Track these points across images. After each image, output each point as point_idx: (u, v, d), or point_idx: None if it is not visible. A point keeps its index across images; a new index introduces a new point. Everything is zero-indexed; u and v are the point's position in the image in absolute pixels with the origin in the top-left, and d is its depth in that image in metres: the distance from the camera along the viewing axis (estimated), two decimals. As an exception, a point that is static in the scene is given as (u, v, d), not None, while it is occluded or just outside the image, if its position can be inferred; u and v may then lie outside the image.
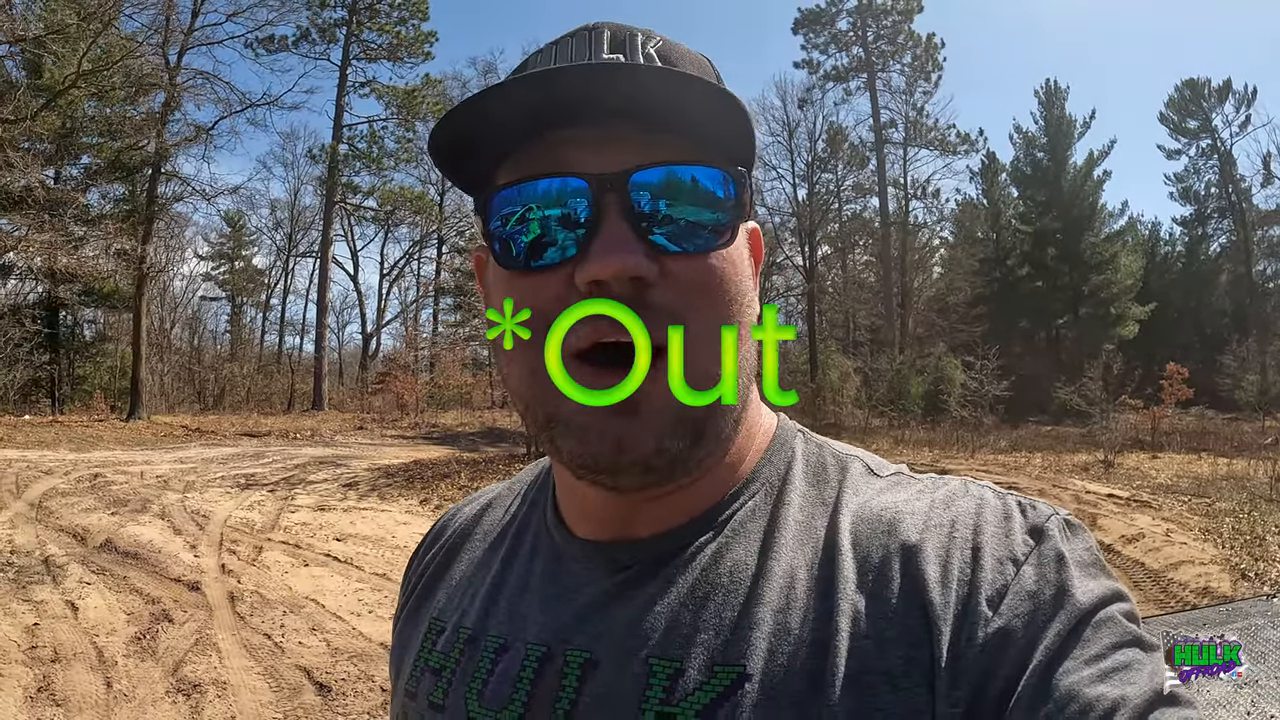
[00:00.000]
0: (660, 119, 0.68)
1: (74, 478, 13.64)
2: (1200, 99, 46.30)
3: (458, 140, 0.71)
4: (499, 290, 0.73)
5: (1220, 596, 7.49)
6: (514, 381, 0.73)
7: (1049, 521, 0.69)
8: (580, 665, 0.72)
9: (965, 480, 0.76)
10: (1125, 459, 18.69)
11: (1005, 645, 0.62)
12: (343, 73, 41.31)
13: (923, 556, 0.67)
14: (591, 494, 0.77)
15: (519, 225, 0.70)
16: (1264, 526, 10.35)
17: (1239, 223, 44.74)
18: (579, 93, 0.67)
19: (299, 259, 52.94)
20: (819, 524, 0.74)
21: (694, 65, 0.76)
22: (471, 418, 31.42)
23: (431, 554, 0.97)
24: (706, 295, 0.69)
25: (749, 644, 0.67)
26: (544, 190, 0.69)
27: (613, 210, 0.67)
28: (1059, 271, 40.90)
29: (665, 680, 0.68)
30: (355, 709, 5.36)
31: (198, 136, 32.88)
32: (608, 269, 0.65)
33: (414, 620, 0.91)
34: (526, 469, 0.99)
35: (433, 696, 0.80)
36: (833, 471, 0.79)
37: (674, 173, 0.68)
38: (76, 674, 5.70)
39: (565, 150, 0.69)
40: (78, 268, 27.73)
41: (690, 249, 0.69)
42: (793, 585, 0.70)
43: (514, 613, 0.81)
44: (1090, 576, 0.65)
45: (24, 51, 26.00)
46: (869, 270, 50.59)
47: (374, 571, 8.42)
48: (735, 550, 0.74)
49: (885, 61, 44.63)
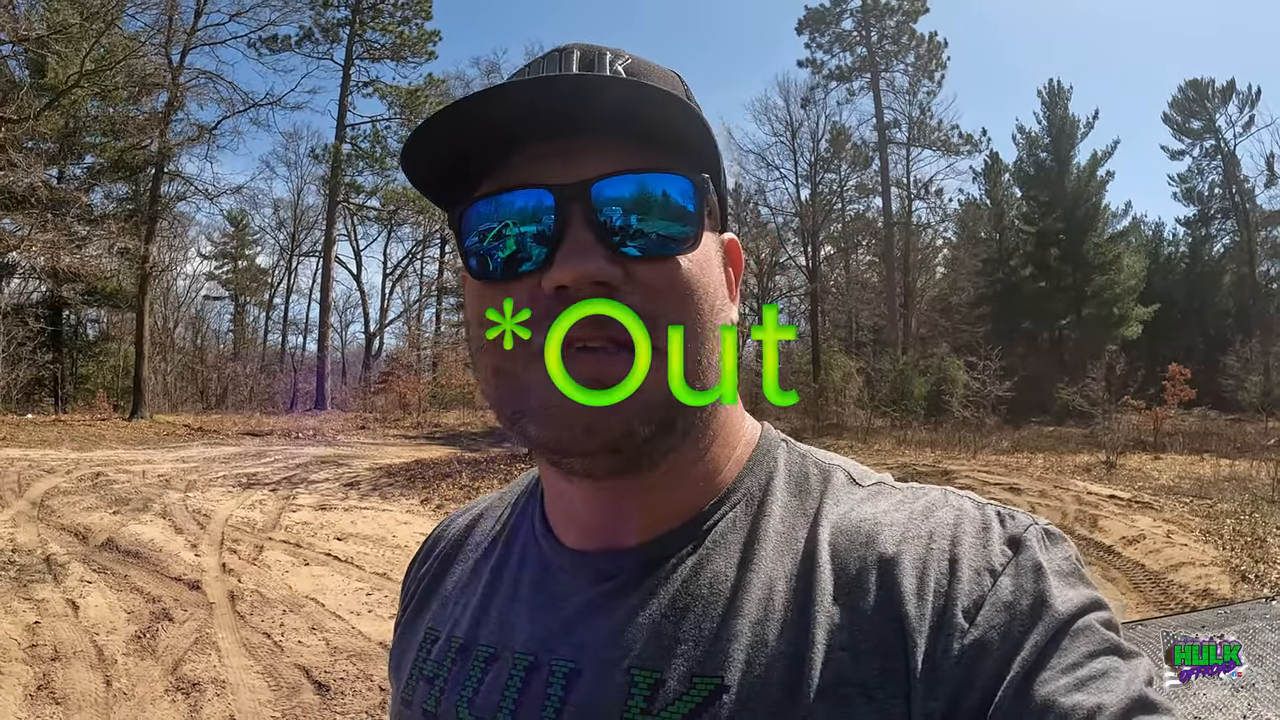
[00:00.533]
0: (620, 129, 0.70)
1: (76, 476, 13.68)
2: (1204, 99, 46.18)
3: (428, 158, 0.73)
4: (471, 300, 0.76)
5: (1220, 599, 7.47)
6: (482, 383, 0.75)
7: (1027, 532, 0.69)
8: (565, 675, 0.73)
9: (946, 490, 0.77)
10: (1127, 460, 18.69)
11: (982, 656, 0.62)
12: (346, 72, 41.27)
13: (900, 568, 0.68)
14: (576, 495, 0.79)
15: (487, 238, 0.72)
16: (1265, 528, 10.34)
17: (1242, 223, 44.60)
18: (541, 107, 0.69)
19: (302, 258, 52.96)
20: (799, 535, 0.75)
21: (661, 81, 0.77)
22: (474, 417, 31.38)
23: (427, 566, 0.98)
24: (673, 297, 0.70)
25: (727, 655, 0.68)
26: (508, 203, 0.71)
27: (577, 218, 0.68)
28: (1062, 272, 40.82)
29: (646, 690, 0.69)
30: (354, 708, 5.36)
31: (201, 136, 32.95)
32: (570, 274, 0.67)
33: (411, 629, 0.93)
34: (519, 479, 1.00)
35: (426, 704, 0.81)
36: (815, 481, 0.80)
37: (635, 180, 0.70)
38: (76, 672, 5.71)
39: (531, 164, 0.71)
40: (81, 267, 27.70)
41: (654, 252, 0.70)
42: (771, 597, 0.71)
43: (504, 622, 0.82)
44: (1069, 585, 0.66)
45: (27, 51, 26.03)
46: (872, 270, 50.52)
47: (374, 571, 8.43)
48: (715, 562, 0.75)
49: (889, 61, 44.53)
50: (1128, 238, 42.99)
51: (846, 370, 32.50)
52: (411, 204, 43.78)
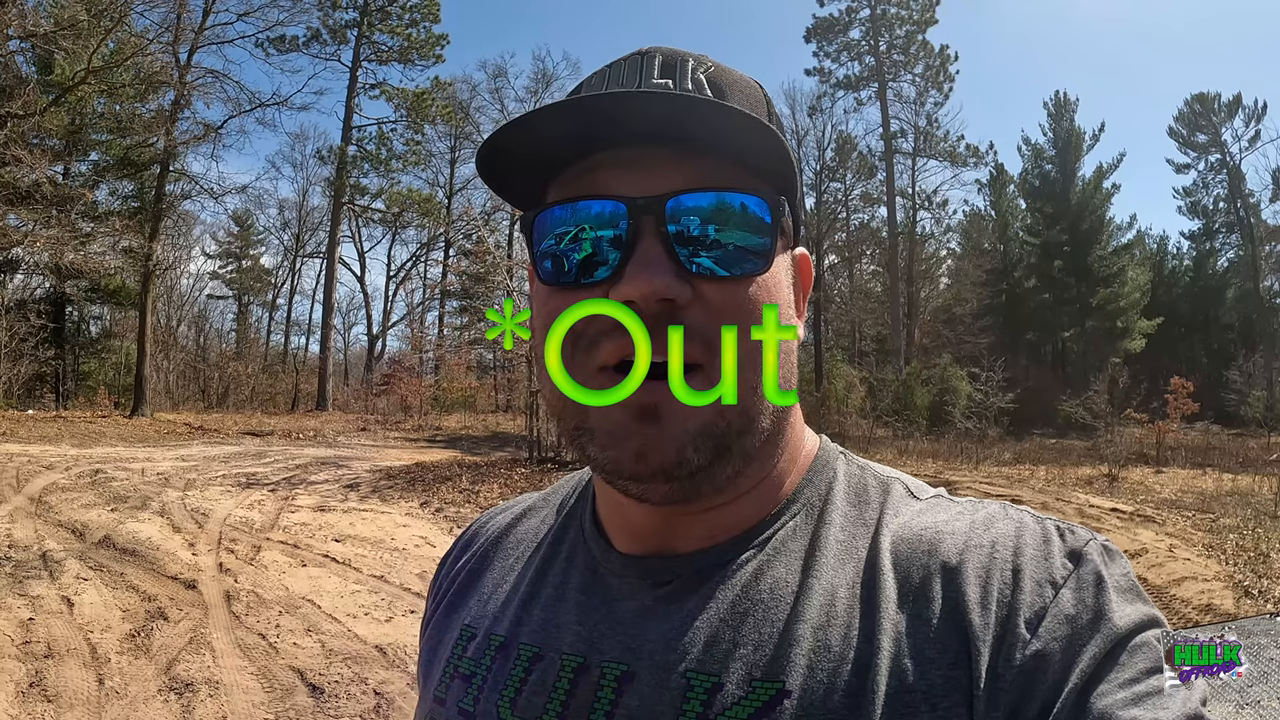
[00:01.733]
0: (700, 145, 0.70)
1: (75, 473, 13.67)
2: (1210, 113, 46.30)
3: (503, 155, 0.73)
4: (538, 305, 0.76)
5: (1223, 614, 7.44)
6: (547, 393, 0.75)
7: (1088, 546, 0.70)
8: (616, 678, 0.73)
9: (1004, 504, 0.77)
10: (1129, 473, 18.63)
11: (1042, 668, 0.62)
12: (353, 74, 41.45)
13: (963, 577, 0.68)
14: (633, 509, 0.78)
15: (558, 244, 0.72)
16: (1268, 543, 10.28)
17: (1247, 238, 44.69)
18: (623, 117, 0.69)
19: (306, 259, 53.20)
20: (860, 544, 0.75)
21: (744, 91, 0.77)
22: (475, 421, 31.46)
23: (464, 561, 0.97)
24: (739, 318, 0.69)
25: (789, 660, 0.67)
26: (583, 212, 0.71)
27: (648, 232, 0.69)
28: (1066, 284, 40.83)
29: (703, 694, 0.68)
30: (348, 711, 5.32)
31: (206, 135, 33.08)
32: (638, 289, 0.67)
33: (444, 626, 0.91)
34: (562, 480, 0.99)
35: (463, 703, 0.80)
36: (874, 493, 0.80)
37: (710, 198, 0.70)
38: (69, 670, 5.67)
39: (607, 173, 0.71)
40: (84, 264, 27.78)
41: (723, 273, 0.70)
42: (833, 603, 0.70)
43: (548, 622, 0.81)
44: (1127, 601, 0.66)
45: (34, 47, 26.11)
46: (875, 280, 50.68)
47: (372, 574, 8.39)
48: (776, 568, 0.75)
49: (897, 71, 44.65)
50: (1132, 251, 42.96)
51: (849, 380, 32.50)
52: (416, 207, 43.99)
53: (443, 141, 46.92)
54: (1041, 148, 42.70)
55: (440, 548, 9.49)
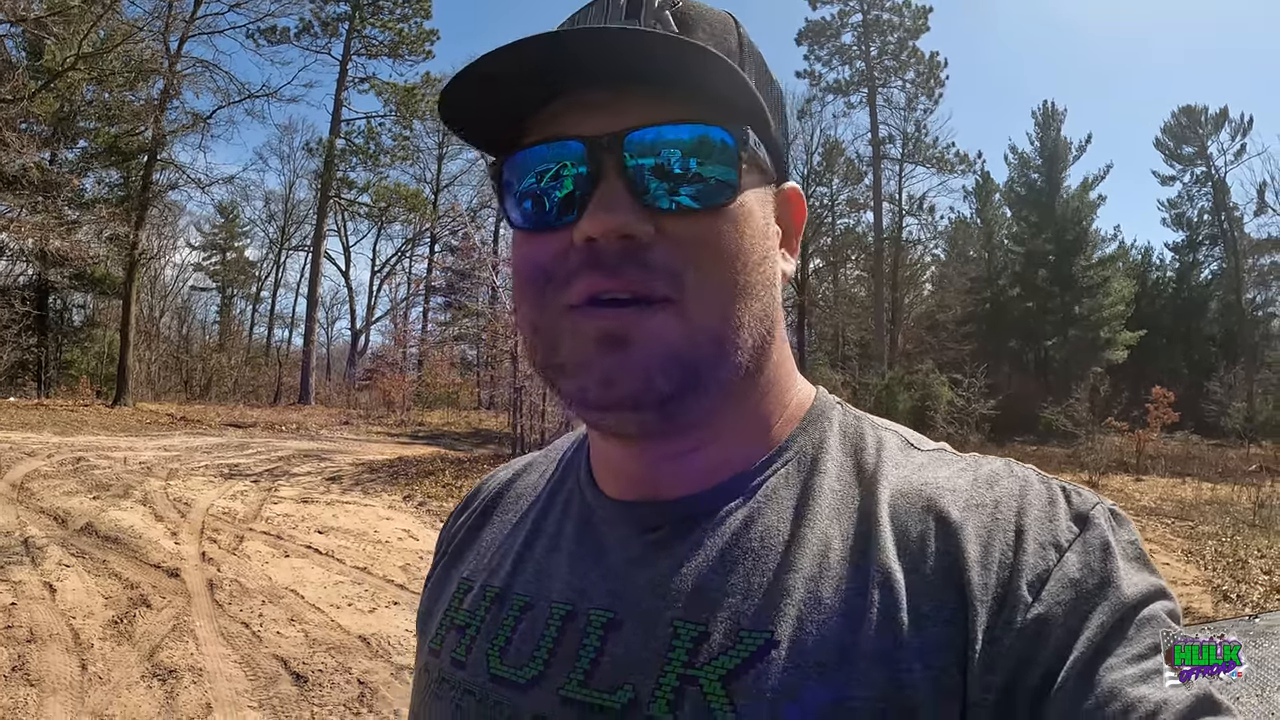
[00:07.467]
0: (662, 82, 0.68)
1: (57, 460, 13.58)
2: (1196, 126, 46.56)
3: (466, 99, 0.73)
4: (515, 251, 0.76)
5: (1202, 616, 7.51)
6: (522, 334, 0.76)
7: (1094, 510, 0.67)
8: (603, 625, 0.72)
9: (1009, 461, 0.75)
10: (1109, 481, 18.75)
11: (1045, 633, 0.60)
12: (343, 68, 41.21)
13: (964, 535, 0.66)
14: (615, 450, 0.78)
15: (525, 188, 0.72)
16: (1246, 550, 10.40)
17: (1230, 250, 44.97)
18: (585, 57, 0.67)
19: (291, 252, 52.89)
20: (855, 495, 0.73)
21: (712, 24, 0.75)
22: (458, 418, 31.34)
23: (464, 517, 0.97)
24: (705, 252, 0.68)
25: (778, 610, 0.66)
26: (544, 154, 0.70)
27: (610, 170, 0.68)
28: (1050, 293, 40.96)
29: (689, 643, 0.67)
30: (331, 700, 5.33)
31: (195, 125, 32.83)
32: (598, 226, 0.66)
33: (443, 581, 0.91)
34: (565, 435, 0.99)
35: (455, 653, 0.80)
36: (870, 443, 0.78)
37: (670, 131, 0.68)
38: (52, 655, 5.66)
39: (571, 114, 0.70)
40: (70, 251, 27.50)
41: (689, 204, 0.68)
42: (826, 554, 0.69)
43: (541, 571, 0.81)
44: (1135, 570, 0.64)
45: (25, 32, 25.91)
46: (860, 285, 50.71)
47: (355, 565, 8.38)
48: (767, 516, 0.73)
49: (888, 77, 44.61)
50: (1116, 261, 43.15)
51: (832, 383, 32.32)
52: (403, 202, 43.79)
53: (431, 137, 46.64)
54: (1028, 157, 42.85)
55: (423, 540, 9.49)
